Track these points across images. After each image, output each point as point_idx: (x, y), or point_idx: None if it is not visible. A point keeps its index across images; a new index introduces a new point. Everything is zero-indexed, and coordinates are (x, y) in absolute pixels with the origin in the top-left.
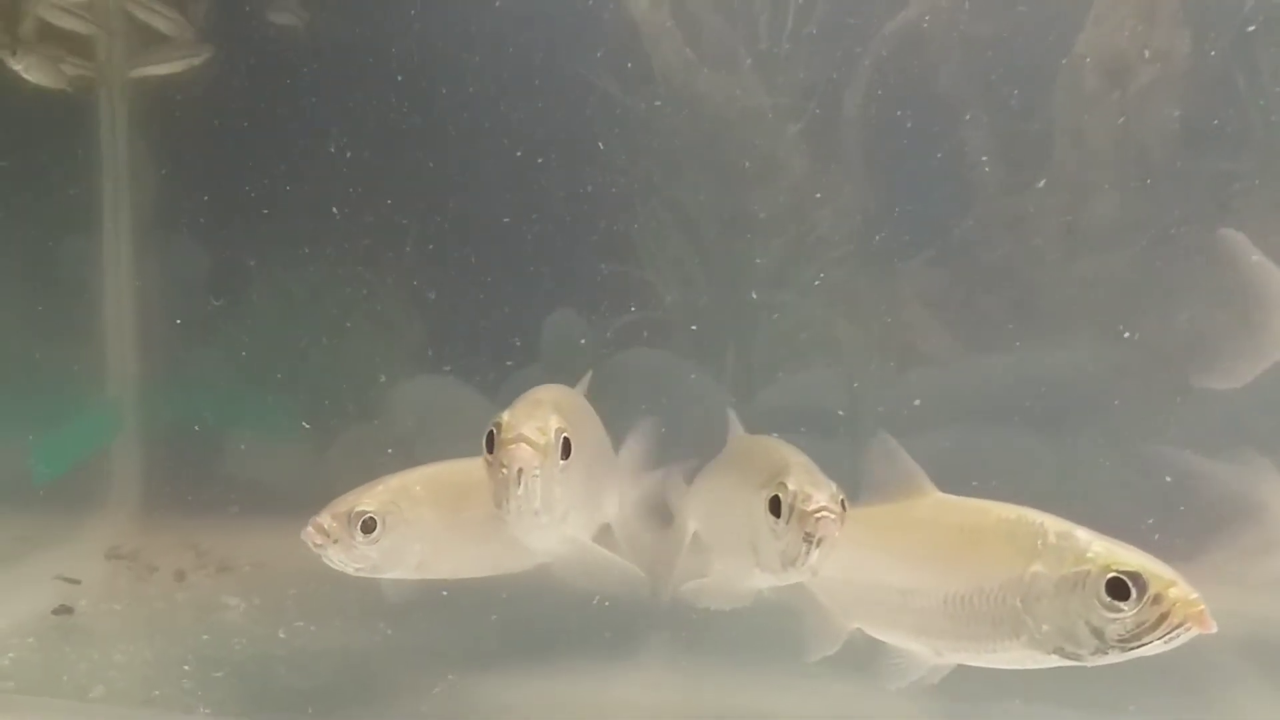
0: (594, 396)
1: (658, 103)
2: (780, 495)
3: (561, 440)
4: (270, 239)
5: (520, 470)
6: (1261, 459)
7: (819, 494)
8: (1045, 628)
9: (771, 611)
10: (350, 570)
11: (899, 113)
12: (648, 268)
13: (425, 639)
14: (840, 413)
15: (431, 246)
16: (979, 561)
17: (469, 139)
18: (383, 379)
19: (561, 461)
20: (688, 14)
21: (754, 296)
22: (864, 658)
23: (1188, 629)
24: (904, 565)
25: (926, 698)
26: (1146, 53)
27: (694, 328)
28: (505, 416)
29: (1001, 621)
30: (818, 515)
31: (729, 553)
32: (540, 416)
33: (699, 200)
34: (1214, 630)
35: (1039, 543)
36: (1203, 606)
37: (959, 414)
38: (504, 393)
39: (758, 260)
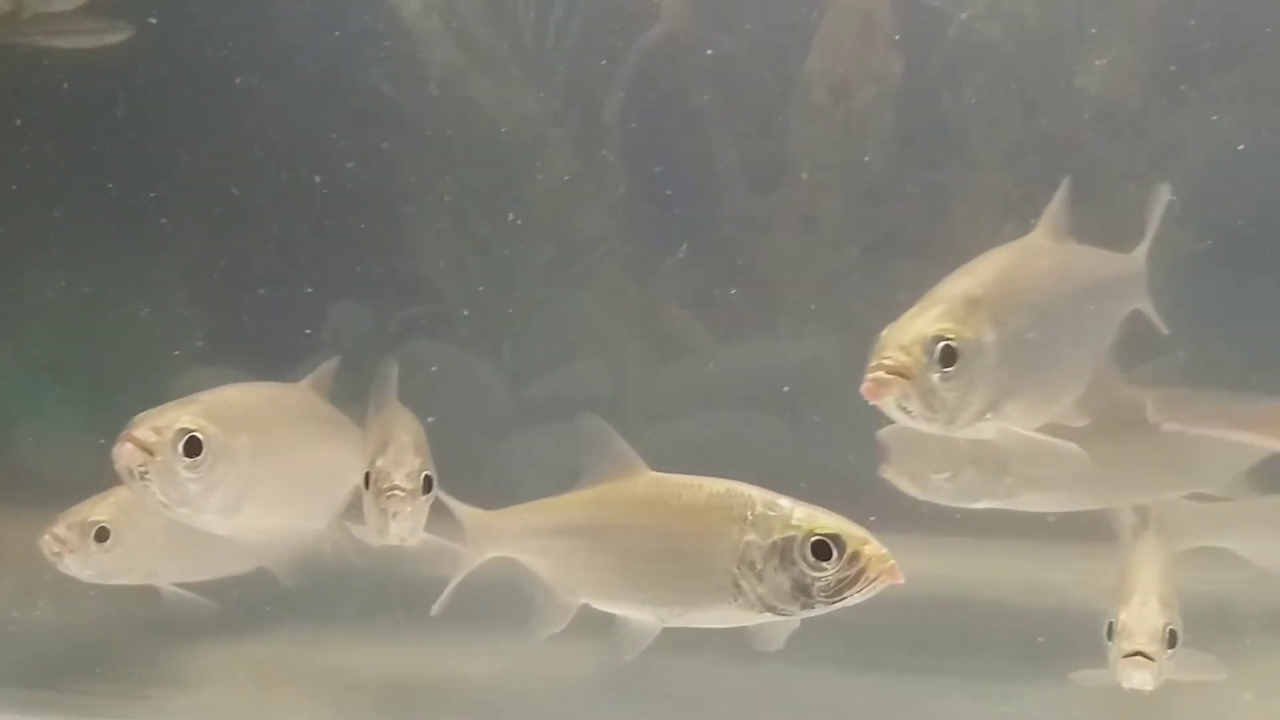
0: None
1: (432, 104)
2: (370, 472)
3: (186, 439)
4: (52, 232)
5: (128, 468)
6: None
7: (396, 473)
8: (760, 589)
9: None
10: (84, 577)
11: (654, 120)
12: (427, 263)
13: (157, 614)
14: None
15: (218, 241)
16: (696, 534)
17: (254, 137)
18: (165, 372)
19: (187, 459)
20: (459, 20)
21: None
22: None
23: (881, 581)
24: (626, 541)
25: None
26: (865, 72)
27: (466, 313)
28: (138, 415)
29: (721, 587)
30: (390, 493)
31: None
32: (168, 415)
33: (475, 199)
34: (902, 581)
35: (749, 513)
36: (893, 561)
37: (711, 400)
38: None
39: (529, 257)
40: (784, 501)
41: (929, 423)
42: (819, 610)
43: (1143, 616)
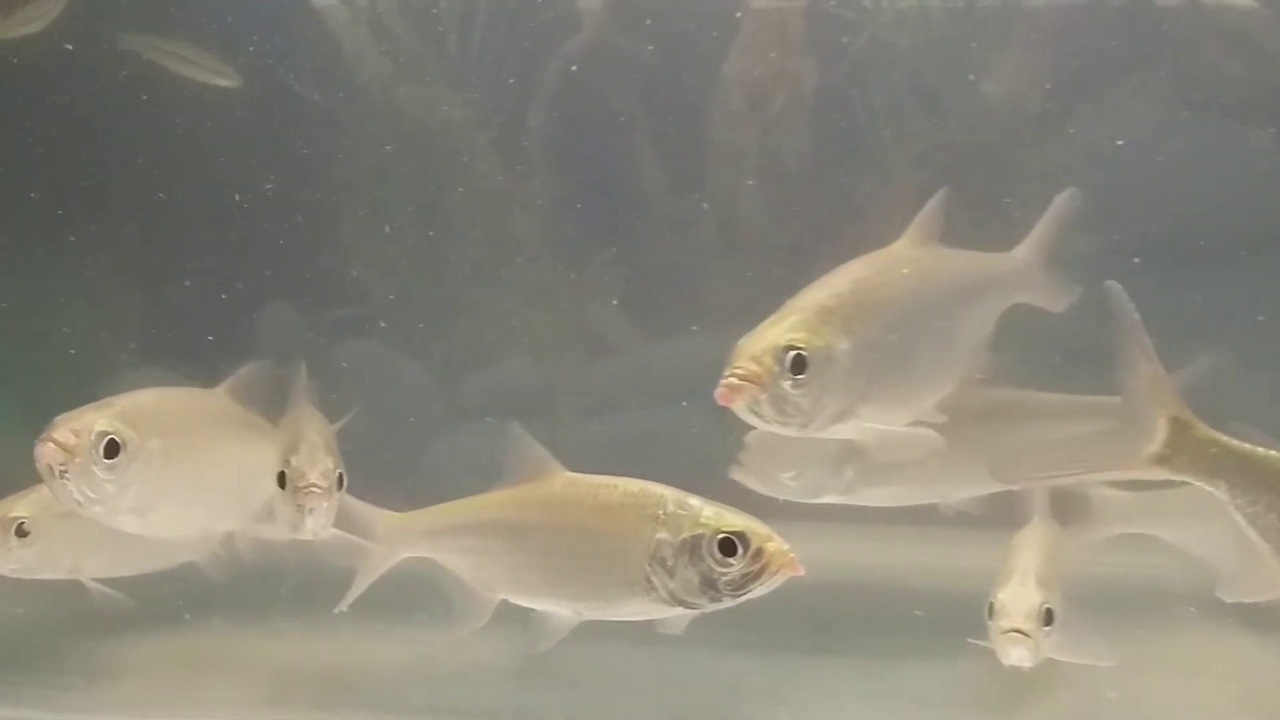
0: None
1: (361, 110)
2: (285, 471)
3: (105, 442)
4: None
5: (49, 467)
6: None
7: (311, 472)
8: (670, 584)
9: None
10: (6, 572)
11: (578, 125)
12: (358, 265)
13: (82, 607)
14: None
15: (150, 243)
16: (611, 532)
17: (186, 143)
18: (100, 375)
19: (105, 460)
20: (385, 29)
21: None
22: None
23: (783, 574)
24: (544, 539)
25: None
26: (781, 79)
27: (383, 324)
28: (58, 418)
29: (634, 583)
30: (307, 490)
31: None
32: (87, 418)
33: (404, 202)
34: (803, 573)
35: (661, 512)
36: (794, 555)
37: (638, 397)
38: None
39: (458, 258)
40: (694, 501)
41: (783, 426)
42: (726, 603)
43: (1019, 596)
